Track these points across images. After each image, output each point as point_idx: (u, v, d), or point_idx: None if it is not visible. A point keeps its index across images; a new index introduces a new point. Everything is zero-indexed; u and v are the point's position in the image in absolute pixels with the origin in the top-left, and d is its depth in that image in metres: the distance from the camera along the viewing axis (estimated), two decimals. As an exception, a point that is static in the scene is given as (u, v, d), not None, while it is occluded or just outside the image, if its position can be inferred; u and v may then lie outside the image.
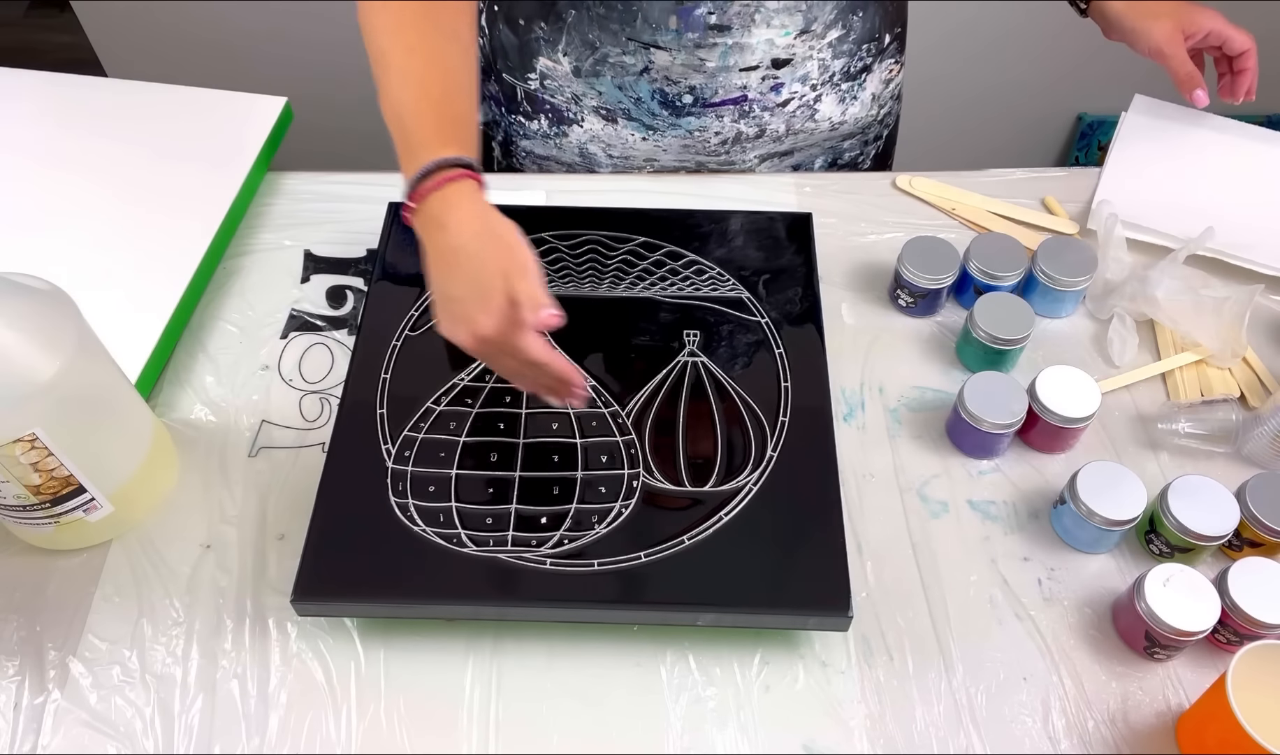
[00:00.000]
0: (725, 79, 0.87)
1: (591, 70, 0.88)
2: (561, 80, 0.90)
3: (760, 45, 0.85)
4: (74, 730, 0.64)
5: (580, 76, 0.89)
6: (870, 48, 0.91)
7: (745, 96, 0.89)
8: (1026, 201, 0.94)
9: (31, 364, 0.60)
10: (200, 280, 0.85)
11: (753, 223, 0.86)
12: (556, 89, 0.92)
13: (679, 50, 0.85)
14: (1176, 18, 0.86)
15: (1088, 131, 1.86)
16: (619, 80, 0.88)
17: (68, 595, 0.69)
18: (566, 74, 0.90)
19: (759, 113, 0.91)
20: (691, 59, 0.85)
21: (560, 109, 0.93)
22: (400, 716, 0.64)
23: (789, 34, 0.85)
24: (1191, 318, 0.81)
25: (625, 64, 0.87)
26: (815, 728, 0.64)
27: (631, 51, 0.85)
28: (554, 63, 0.89)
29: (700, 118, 0.91)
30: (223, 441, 0.77)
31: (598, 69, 0.88)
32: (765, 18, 0.83)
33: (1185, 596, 0.64)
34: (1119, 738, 0.64)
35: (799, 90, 0.90)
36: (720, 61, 0.85)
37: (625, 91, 0.89)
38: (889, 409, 0.79)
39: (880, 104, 0.97)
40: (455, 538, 0.67)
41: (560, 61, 0.89)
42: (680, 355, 0.77)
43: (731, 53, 0.85)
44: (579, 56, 0.88)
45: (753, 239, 0.85)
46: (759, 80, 0.88)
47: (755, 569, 0.66)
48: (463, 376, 0.75)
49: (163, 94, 0.97)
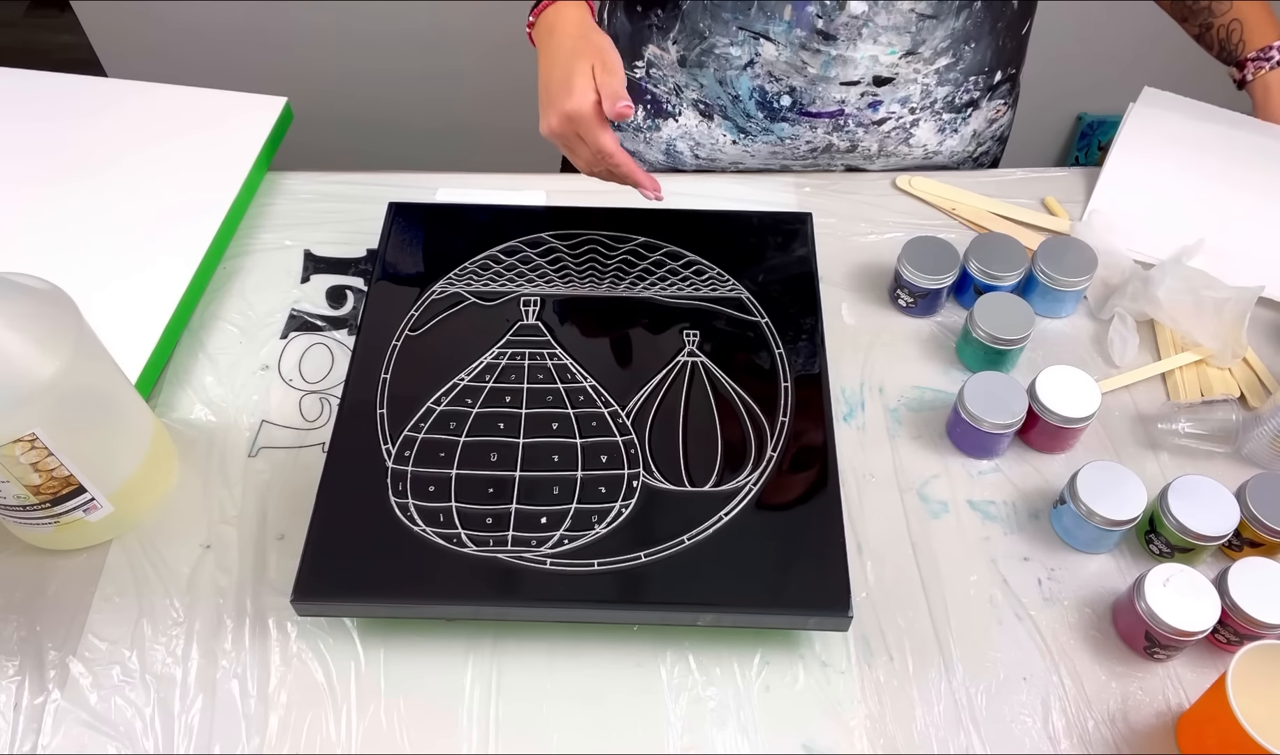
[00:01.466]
0: (825, 90, 0.88)
1: (696, 61, 0.90)
2: (667, 69, 0.92)
3: (864, 61, 0.86)
4: (74, 730, 0.64)
5: (685, 66, 0.91)
6: (979, 82, 0.91)
7: (843, 111, 0.90)
8: (1026, 201, 0.94)
9: (31, 364, 0.60)
10: (200, 280, 0.85)
11: (753, 223, 0.86)
12: (660, 78, 0.93)
13: (786, 45, 0.86)
14: None
15: (1088, 131, 1.87)
16: (721, 74, 0.90)
17: (68, 595, 0.69)
18: (672, 63, 0.91)
19: (853, 128, 0.92)
20: (795, 59, 0.86)
21: (660, 100, 0.95)
22: (400, 716, 0.64)
23: (894, 53, 0.86)
24: (1192, 318, 0.81)
25: (730, 56, 0.88)
26: (815, 728, 0.64)
27: (740, 42, 0.87)
28: (662, 51, 0.91)
29: (794, 125, 0.91)
30: (223, 441, 0.77)
31: (702, 60, 0.90)
32: (873, 34, 0.84)
33: (1185, 596, 0.64)
34: (1119, 738, 0.64)
35: (897, 111, 0.91)
36: (822, 70, 0.86)
37: (725, 87, 0.90)
38: (889, 409, 0.79)
39: (980, 142, 0.97)
40: (455, 538, 0.67)
41: (668, 50, 0.91)
42: (680, 355, 0.77)
43: (834, 64, 0.86)
44: (687, 45, 0.90)
45: (753, 239, 0.85)
46: (858, 96, 0.89)
47: (755, 569, 0.66)
48: (463, 376, 0.75)
49: (163, 94, 0.97)
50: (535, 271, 0.82)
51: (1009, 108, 0.98)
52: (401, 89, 1.72)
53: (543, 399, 0.74)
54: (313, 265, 0.89)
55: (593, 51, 0.75)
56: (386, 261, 0.82)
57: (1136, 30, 1.69)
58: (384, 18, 1.62)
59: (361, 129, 1.69)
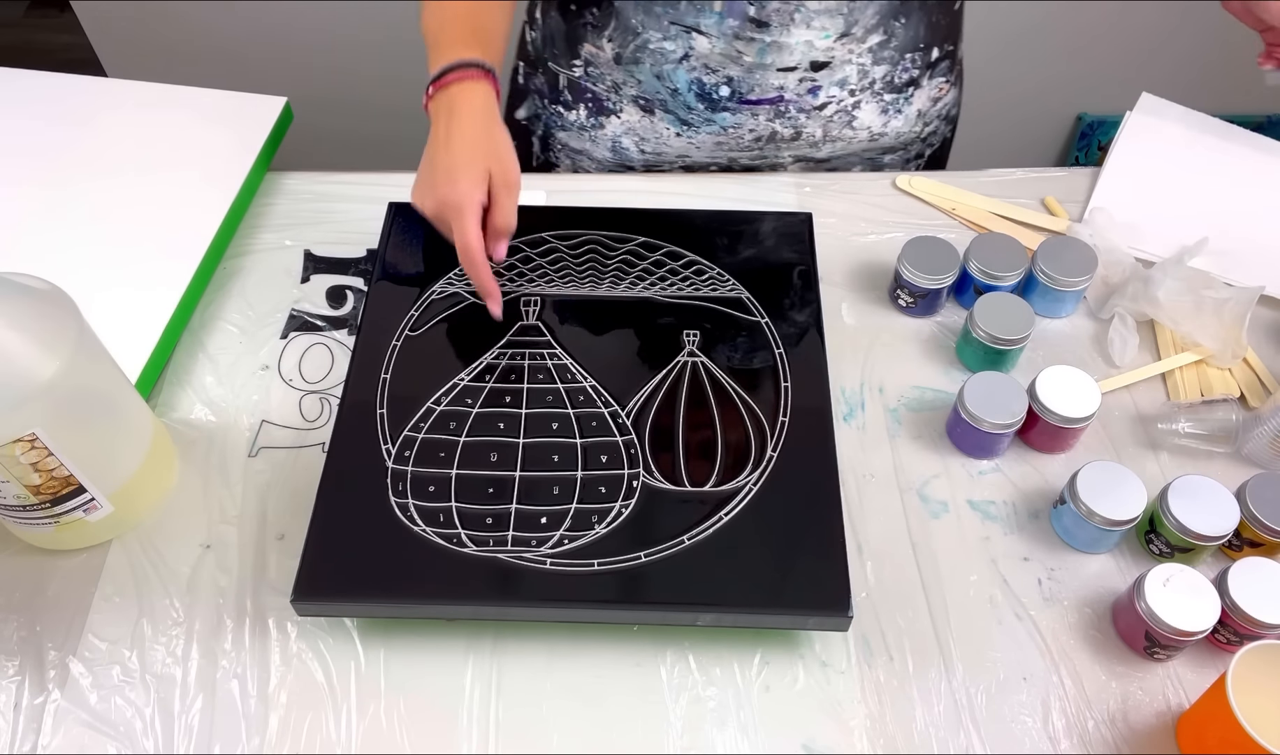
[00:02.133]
0: (762, 77, 0.88)
1: (632, 57, 0.89)
2: (603, 67, 0.92)
3: (799, 46, 0.85)
4: (74, 730, 0.64)
5: (621, 63, 0.90)
6: (916, 59, 0.91)
7: (782, 98, 0.89)
8: (1026, 201, 0.94)
9: (31, 364, 0.60)
10: (200, 280, 0.85)
11: (753, 223, 0.86)
12: (598, 76, 0.93)
13: (719, 37, 0.85)
14: None
15: (1088, 131, 1.86)
16: (658, 68, 0.89)
17: (68, 595, 0.69)
18: (608, 61, 0.91)
19: (795, 114, 0.91)
20: (730, 49, 0.86)
21: (600, 98, 0.94)
22: (400, 716, 0.64)
23: (828, 36, 0.85)
24: (1193, 318, 0.81)
25: (665, 51, 0.88)
26: (815, 728, 0.64)
27: (673, 36, 0.86)
28: (598, 49, 0.91)
29: (735, 114, 0.91)
30: (223, 441, 0.77)
31: (638, 56, 0.89)
32: (805, 18, 0.84)
33: (1185, 596, 0.64)
34: (1119, 738, 0.64)
35: (837, 95, 0.90)
36: (758, 57, 0.86)
37: (663, 81, 0.90)
38: (889, 409, 0.79)
39: (926, 122, 0.97)
40: (455, 538, 0.67)
41: (604, 47, 0.90)
42: (680, 355, 0.77)
43: (769, 51, 0.85)
44: (622, 42, 0.89)
45: (753, 239, 0.85)
46: (796, 82, 0.88)
47: (755, 569, 0.66)
48: (463, 376, 0.75)
49: (163, 94, 0.97)
50: (535, 271, 0.82)
51: (952, 86, 0.98)
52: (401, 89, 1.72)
53: (543, 399, 0.74)
54: (313, 265, 0.89)
55: (492, 154, 0.73)
56: (386, 261, 0.82)
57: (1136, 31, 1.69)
58: (384, 17, 1.62)
59: (361, 129, 1.69)
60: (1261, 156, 0.96)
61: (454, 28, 0.77)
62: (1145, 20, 1.68)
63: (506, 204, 0.73)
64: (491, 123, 0.74)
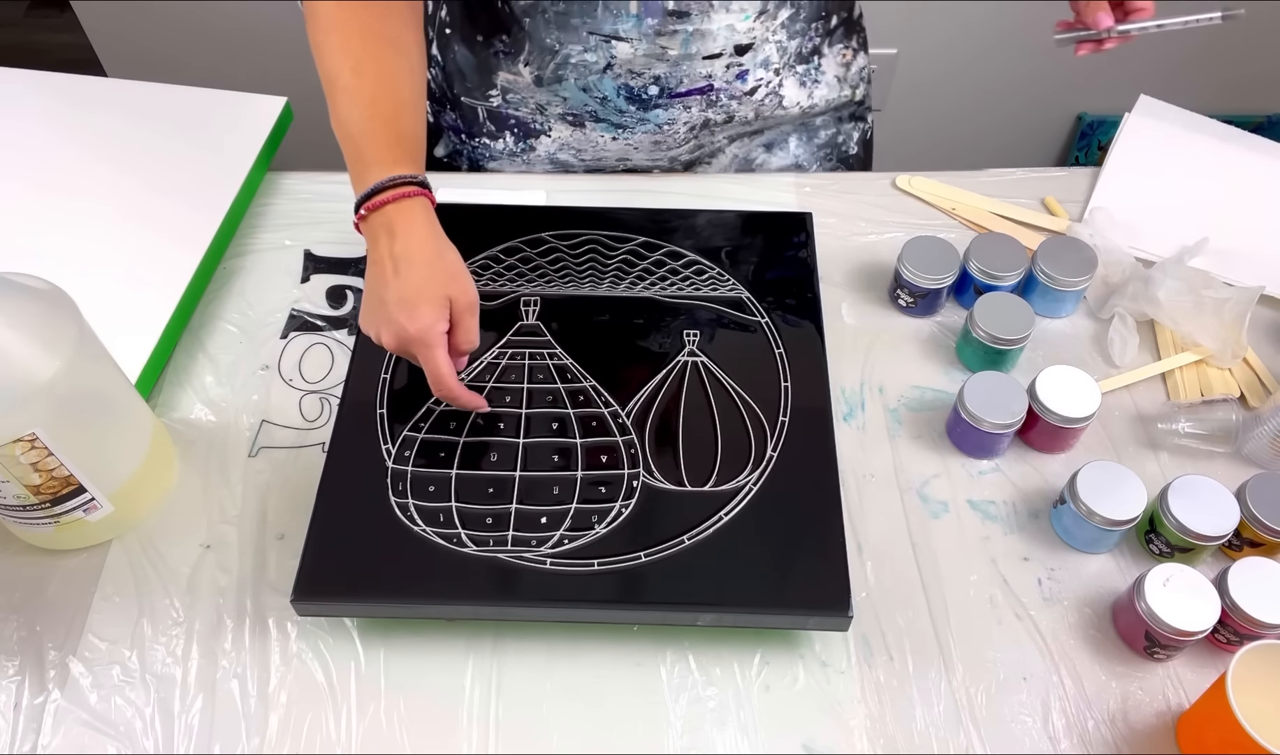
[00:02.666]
0: (689, 67, 0.87)
1: (553, 76, 0.88)
2: (524, 92, 0.90)
3: (721, 31, 0.84)
4: (74, 730, 0.64)
5: (543, 85, 0.89)
6: (818, 27, 0.90)
7: (711, 86, 0.88)
8: (1026, 201, 0.94)
9: (31, 364, 0.60)
10: (200, 280, 0.85)
11: (753, 223, 0.86)
12: (520, 102, 0.91)
13: (640, 39, 0.84)
14: None
15: (1088, 131, 1.86)
16: (583, 81, 0.88)
17: (68, 595, 0.69)
18: (528, 85, 0.89)
19: (726, 101, 0.90)
20: (653, 48, 0.85)
21: (526, 121, 0.93)
22: (400, 716, 0.64)
23: (748, 17, 0.84)
24: (1192, 318, 0.81)
25: (587, 63, 0.86)
26: (815, 728, 0.64)
27: (593, 47, 0.85)
28: (515, 75, 0.89)
29: (668, 110, 0.90)
30: (223, 441, 0.77)
31: (560, 74, 0.87)
32: (724, 3, 0.83)
33: (1185, 596, 0.64)
34: (1119, 738, 0.64)
35: (764, 77, 0.89)
36: (683, 49, 0.85)
37: (590, 92, 0.89)
38: (889, 409, 0.79)
39: (849, 85, 0.96)
40: (455, 538, 0.67)
41: (521, 73, 0.88)
42: (680, 355, 0.77)
43: (694, 40, 0.84)
44: (540, 64, 0.87)
45: (753, 239, 0.85)
46: (724, 68, 0.87)
47: (755, 569, 0.66)
48: (462, 376, 0.75)
49: (163, 94, 0.97)
50: (535, 271, 0.82)
51: (858, 50, 0.96)
52: (401, 89, 1.72)
53: (543, 399, 0.74)
54: (313, 265, 0.89)
55: (448, 279, 0.68)
56: (386, 261, 0.82)
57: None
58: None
59: (361, 129, 1.68)
60: (1261, 157, 0.96)
61: (377, 136, 0.69)
62: (1145, 20, 1.68)
63: (470, 325, 0.69)
64: (440, 243, 0.69)
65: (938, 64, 1.72)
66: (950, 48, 1.70)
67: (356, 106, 0.70)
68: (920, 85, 1.75)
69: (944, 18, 1.65)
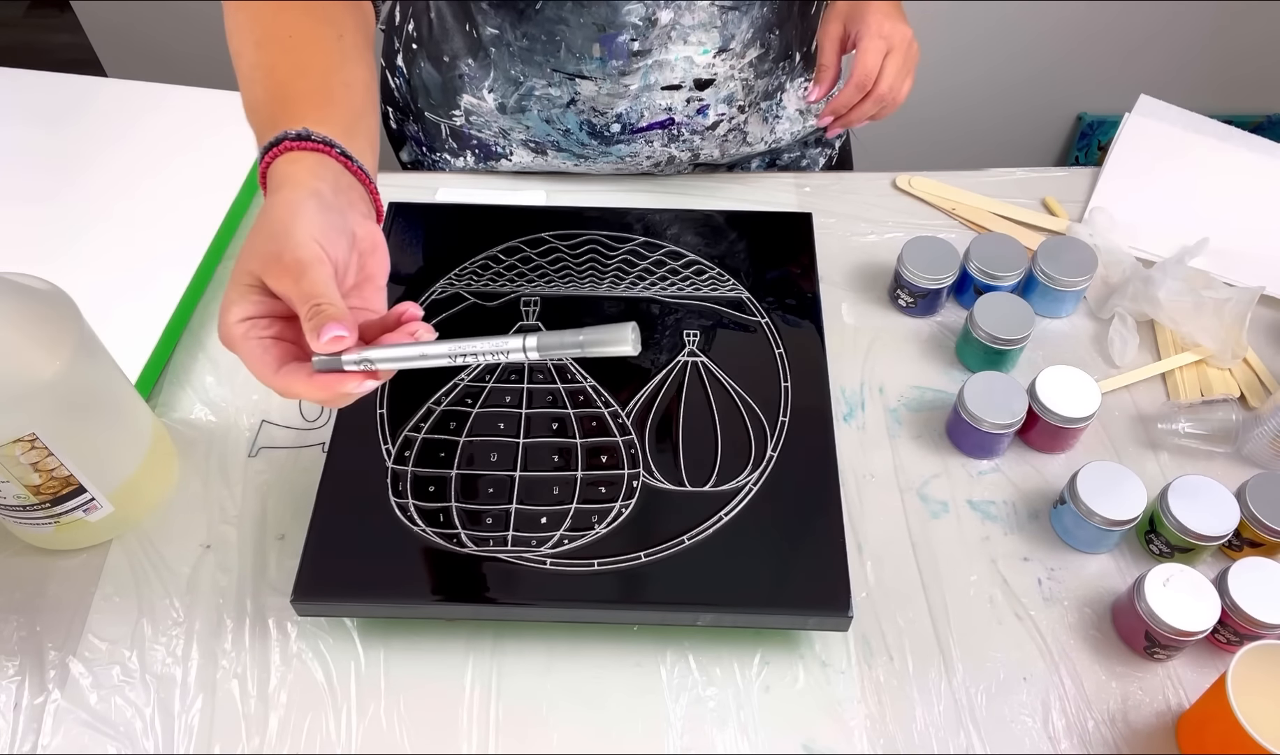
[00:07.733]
0: (649, 99, 0.86)
1: (517, 106, 0.88)
2: (487, 116, 0.90)
3: (680, 62, 0.84)
4: (74, 730, 0.64)
5: (506, 113, 0.89)
6: (785, 66, 0.90)
7: (672, 120, 0.88)
8: (1026, 201, 0.94)
9: (31, 364, 0.60)
10: (200, 280, 0.85)
11: (753, 223, 0.86)
12: (483, 124, 0.91)
13: (604, 79, 0.84)
14: (845, 21, 0.82)
15: (1088, 131, 1.87)
16: (546, 113, 0.88)
17: (68, 595, 0.69)
18: (492, 110, 0.89)
19: (688, 136, 0.90)
20: (616, 87, 0.85)
21: (488, 144, 0.93)
22: (400, 716, 0.64)
23: (707, 52, 0.84)
24: (1192, 318, 0.81)
25: (551, 96, 0.86)
26: (815, 728, 0.64)
27: (557, 83, 0.85)
28: (479, 99, 0.89)
29: (630, 144, 0.90)
30: (223, 441, 0.77)
31: (523, 104, 0.87)
32: (681, 35, 0.82)
33: (1185, 596, 0.64)
34: (1119, 738, 0.64)
35: (726, 112, 0.89)
36: (642, 81, 0.85)
37: (553, 125, 0.89)
38: (889, 409, 0.79)
39: (813, 114, 0.96)
40: (455, 538, 0.67)
41: (485, 98, 0.88)
42: (680, 355, 0.77)
43: (652, 71, 0.84)
44: (504, 93, 0.87)
45: (753, 239, 0.85)
46: (684, 102, 0.87)
47: (755, 569, 0.66)
48: (463, 376, 0.75)
49: (163, 94, 0.97)
50: (535, 271, 0.82)
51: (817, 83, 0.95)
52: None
53: (543, 399, 0.74)
54: (313, 265, 0.88)
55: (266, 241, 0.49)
56: (386, 261, 0.82)
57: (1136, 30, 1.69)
58: (384, 18, 1.62)
59: (361, 129, 1.68)
60: (1260, 157, 0.97)
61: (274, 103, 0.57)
62: (1144, 20, 1.68)
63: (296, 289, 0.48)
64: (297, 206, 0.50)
65: (937, 64, 1.72)
66: (950, 48, 1.70)
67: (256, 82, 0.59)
68: (919, 85, 1.75)
69: (944, 18, 1.65)
